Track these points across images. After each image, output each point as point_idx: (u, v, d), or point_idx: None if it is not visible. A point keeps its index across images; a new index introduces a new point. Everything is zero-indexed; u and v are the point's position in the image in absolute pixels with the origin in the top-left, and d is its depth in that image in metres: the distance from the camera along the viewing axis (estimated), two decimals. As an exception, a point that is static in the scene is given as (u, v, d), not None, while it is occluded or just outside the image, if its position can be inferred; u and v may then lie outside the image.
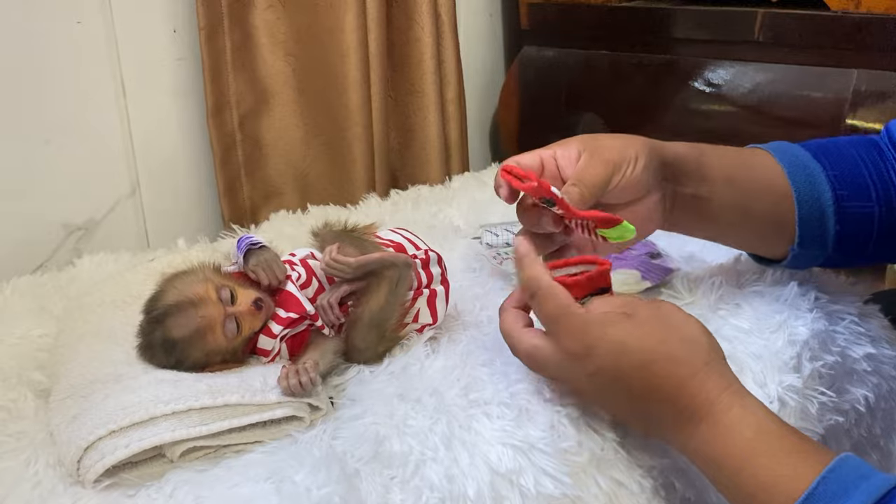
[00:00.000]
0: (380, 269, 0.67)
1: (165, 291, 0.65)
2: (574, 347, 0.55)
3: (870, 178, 0.71)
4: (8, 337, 0.76)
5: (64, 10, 0.94)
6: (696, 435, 0.53)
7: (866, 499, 0.46)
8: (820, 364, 0.69)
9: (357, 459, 0.56)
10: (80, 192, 1.00)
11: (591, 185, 0.61)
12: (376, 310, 0.67)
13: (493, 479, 0.54)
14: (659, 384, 0.54)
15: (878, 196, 0.71)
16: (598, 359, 0.54)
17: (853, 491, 0.47)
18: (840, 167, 0.71)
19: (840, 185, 0.70)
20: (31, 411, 0.66)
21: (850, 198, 0.70)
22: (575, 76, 1.39)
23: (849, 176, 0.71)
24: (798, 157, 0.71)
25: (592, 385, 0.56)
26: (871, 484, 0.47)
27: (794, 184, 0.69)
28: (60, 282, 0.87)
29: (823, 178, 0.70)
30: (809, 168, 0.70)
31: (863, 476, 0.48)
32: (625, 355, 0.54)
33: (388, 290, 0.67)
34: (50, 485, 0.57)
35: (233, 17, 1.04)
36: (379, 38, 1.11)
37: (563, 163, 0.64)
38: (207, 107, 1.06)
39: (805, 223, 0.70)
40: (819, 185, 0.70)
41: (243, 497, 0.52)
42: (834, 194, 0.69)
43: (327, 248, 0.68)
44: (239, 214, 1.12)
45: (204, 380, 0.61)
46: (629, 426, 0.60)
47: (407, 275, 0.68)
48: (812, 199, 0.70)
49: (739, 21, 1.21)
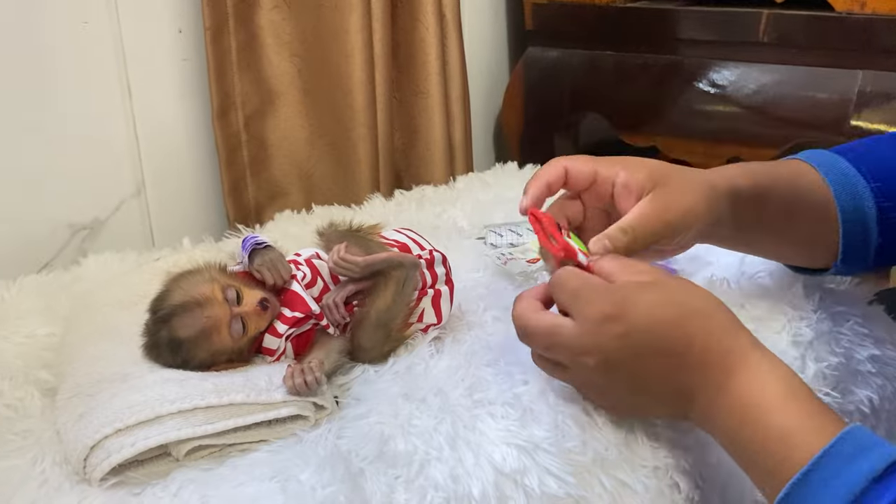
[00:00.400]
0: (387, 268, 0.68)
1: (171, 291, 0.66)
2: (605, 309, 0.54)
3: None
4: (14, 336, 0.76)
5: (70, 10, 0.94)
6: (727, 385, 0.53)
7: (880, 461, 0.47)
8: (824, 365, 0.69)
9: (362, 459, 0.56)
10: (85, 192, 1.01)
11: (642, 240, 0.60)
12: (383, 309, 0.67)
13: (498, 479, 0.55)
14: (692, 341, 0.54)
15: None
16: (632, 317, 0.54)
17: (868, 452, 0.48)
18: (882, 177, 0.70)
19: (883, 197, 0.69)
20: (37, 410, 0.67)
21: (892, 209, 0.70)
22: (579, 77, 1.39)
23: (890, 185, 0.70)
24: (842, 172, 0.69)
25: (621, 348, 0.54)
26: (885, 448, 0.48)
27: (840, 202, 0.68)
28: (66, 281, 0.87)
29: (868, 192, 0.69)
30: (853, 183, 0.69)
31: (877, 442, 0.49)
32: (659, 309, 0.54)
33: (395, 289, 0.67)
34: (56, 483, 0.57)
35: (238, 17, 1.04)
36: (384, 39, 1.12)
37: (621, 191, 0.61)
38: (213, 107, 1.06)
39: (849, 240, 0.69)
40: (863, 201, 0.69)
41: (248, 496, 0.53)
42: (878, 207, 0.69)
43: (335, 248, 0.68)
44: (244, 214, 1.12)
45: (209, 379, 0.61)
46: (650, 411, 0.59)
47: (414, 275, 0.68)
48: (856, 217, 0.69)
49: (744, 22, 1.21)
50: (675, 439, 0.60)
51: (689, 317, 0.54)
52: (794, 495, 0.48)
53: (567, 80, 1.40)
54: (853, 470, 0.47)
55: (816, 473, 0.48)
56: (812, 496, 0.47)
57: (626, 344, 0.54)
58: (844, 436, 0.49)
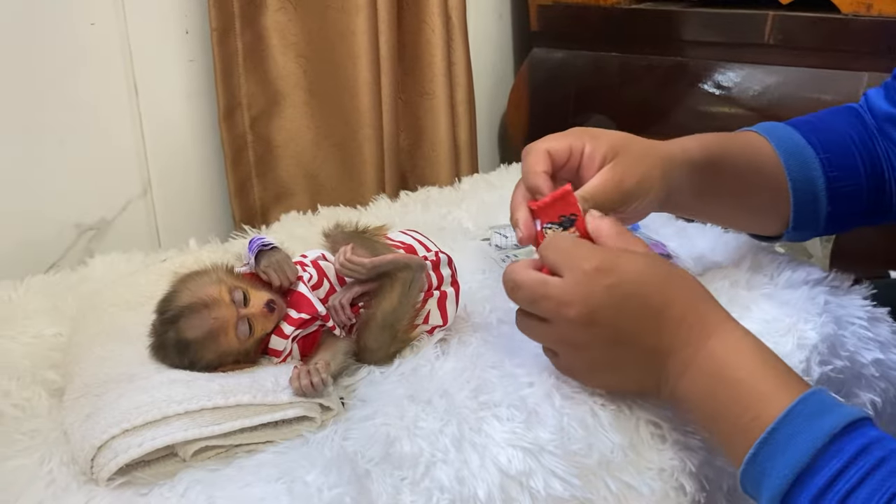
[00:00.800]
0: (393, 270, 0.68)
1: (179, 292, 0.66)
2: (597, 263, 0.57)
3: (858, 156, 0.75)
4: (21, 336, 0.76)
5: (78, 11, 0.95)
6: (703, 349, 0.56)
7: (840, 420, 0.50)
8: (829, 368, 0.69)
9: (368, 460, 0.56)
10: (92, 192, 1.01)
11: (600, 207, 0.64)
12: (389, 311, 0.67)
13: (503, 480, 0.55)
14: (674, 302, 0.57)
15: (866, 171, 0.76)
16: (622, 270, 0.57)
17: (828, 413, 0.51)
18: (831, 149, 0.74)
19: (831, 168, 0.74)
20: (44, 410, 0.67)
21: (840, 178, 0.74)
22: (584, 78, 1.39)
23: (839, 156, 0.74)
24: (793, 143, 0.74)
25: (608, 299, 0.57)
26: (846, 409, 0.51)
27: (790, 172, 0.73)
28: (73, 281, 0.87)
29: (817, 163, 0.73)
30: (804, 154, 0.74)
31: (838, 403, 0.52)
32: (648, 269, 0.58)
33: (401, 291, 0.67)
34: (64, 483, 0.57)
35: (245, 18, 1.05)
36: (390, 41, 1.12)
37: (587, 162, 0.66)
38: (219, 108, 1.06)
39: (799, 208, 0.74)
40: (813, 171, 0.73)
41: (255, 497, 0.53)
42: (826, 177, 0.73)
43: (341, 249, 0.69)
44: (250, 215, 1.12)
45: (216, 380, 0.61)
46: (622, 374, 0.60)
47: (420, 276, 0.69)
48: (806, 186, 0.74)
49: (749, 23, 1.21)
50: (680, 441, 0.60)
51: (674, 282, 0.59)
52: (761, 454, 0.51)
53: (572, 82, 1.41)
54: (815, 427, 0.50)
55: (781, 431, 0.51)
56: (778, 453, 0.50)
57: (613, 294, 0.57)
58: (807, 397, 0.52)
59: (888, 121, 0.76)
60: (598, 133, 0.67)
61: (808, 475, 0.49)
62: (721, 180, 0.71)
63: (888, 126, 0.76)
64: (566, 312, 0.58)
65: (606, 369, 0.60)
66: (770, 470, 0.50)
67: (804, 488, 0.49)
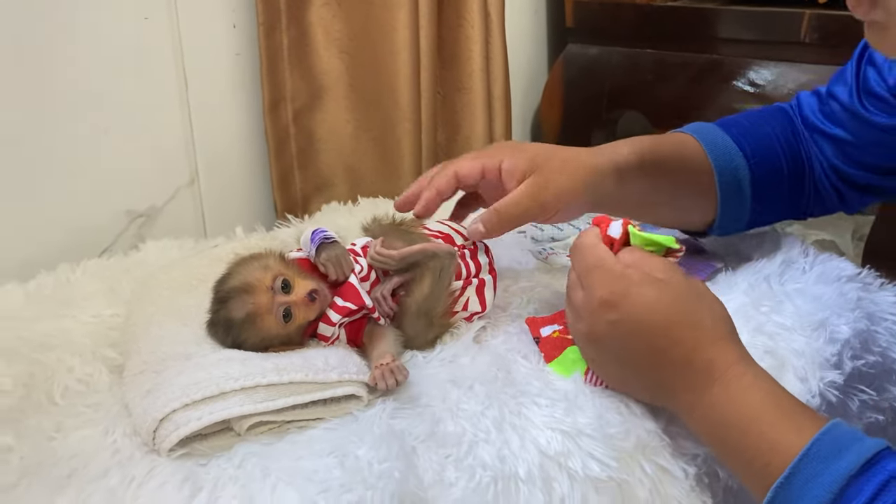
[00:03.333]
0: (423, 259, 0.70)
1: (231, 275, 0.69)
2: (605, 295, 0.59)
3: (783, 157, 0.80)
4: (81, 315, 0.80)
5: (133, 6, 0.98)
6: (706, 397, 0.56)
7: (857, 459, 0.49)
8: (861, 363, 0.70)
9: (414, 438, 0.59)
10: (143, 181, 1.05)
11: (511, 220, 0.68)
12: (421, 300, 0.70)
13: (543, 461, 0.57)
14: (679, 344, 0.57)
15: (789, 171, 0.80)
16: (625, 309, 0.58)
17: (845, 451, 0.49)
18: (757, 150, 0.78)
19: (757, 168, 0.78)
20: (105, 385, 0.70)
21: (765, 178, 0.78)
22: (618, 74, 1.40)
23: (765, 158, 0.78)
24: (722, 145, 0.78)
25: (611, 333, 0.59)
26: (863, 445, 0.50)
27: (718, 171, 0.77)
28: (127, 265, 0.91)
29: (744, 163, 0.77)
30: (732, 155, 0.77)
31: (854, 438, 0.51)
32: (651, 313, 0.57)
33: (431, 280, 0.70)
34: (128, 452, 0.60)
35: (290, 14, 1.07)
36: (430, 36, 1.14)
37: (506, 177, 0.69)
38: (264, 101, 1.09)
39: (726, 207, 0.78)
40: (739, 171, 0.77)
41: (309, 469, 0.56)
42: (752, 177, 0.78)
43: (372, 243, 0.71)
44: (291, 205, 1.15)
45: (270, 359, 0.64)
46: (633, 389, 0.62)
47: (450, 264, 0.70)
48: (733, 185, 0.77)
49: (785, 21, 1.21)
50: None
51: (679, 324, 0.57)
52: (778, 499, 0.50)
53: (606, 78, 1.42)
54: (832, 469, 0.49)
55: (797, 476, 0.50)
56: (795, 499, 0.49)
57: (616, 330, 0.59)
58: (821, 436, 0.51)
59: (816, 132, 0.80)
60: (522, 147, 0.70)
61: None
62: (652, 182, 0.74)
63: (816, 136, 0.81)
64: (578, 326, 0.62)
65: (620, 381, 0.63)
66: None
67: None
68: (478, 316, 0.75)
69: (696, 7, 1.32)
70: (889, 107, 0.73)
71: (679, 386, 0.57)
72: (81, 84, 0.96)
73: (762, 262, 0.81)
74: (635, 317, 0.58)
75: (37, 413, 0.65)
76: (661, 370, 0.58)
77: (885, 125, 0.74)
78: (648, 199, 0.76)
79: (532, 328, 0.71)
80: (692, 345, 0.57)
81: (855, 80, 0.76)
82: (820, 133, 0.80)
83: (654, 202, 0.77)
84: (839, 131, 0.78)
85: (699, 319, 0.58)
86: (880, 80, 0.74)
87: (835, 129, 0.79)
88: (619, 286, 0.58)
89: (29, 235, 0.95)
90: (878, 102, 0.74)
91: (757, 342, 0.68)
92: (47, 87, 0.94)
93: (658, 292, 0.58)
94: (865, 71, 0.76)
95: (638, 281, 0.58)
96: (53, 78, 0.94)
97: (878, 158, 0.78)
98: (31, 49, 0.91)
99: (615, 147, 0.73)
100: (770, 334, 0.70)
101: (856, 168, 0.80)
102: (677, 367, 0.57)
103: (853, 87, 0.76)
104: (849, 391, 0.68)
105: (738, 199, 0.79)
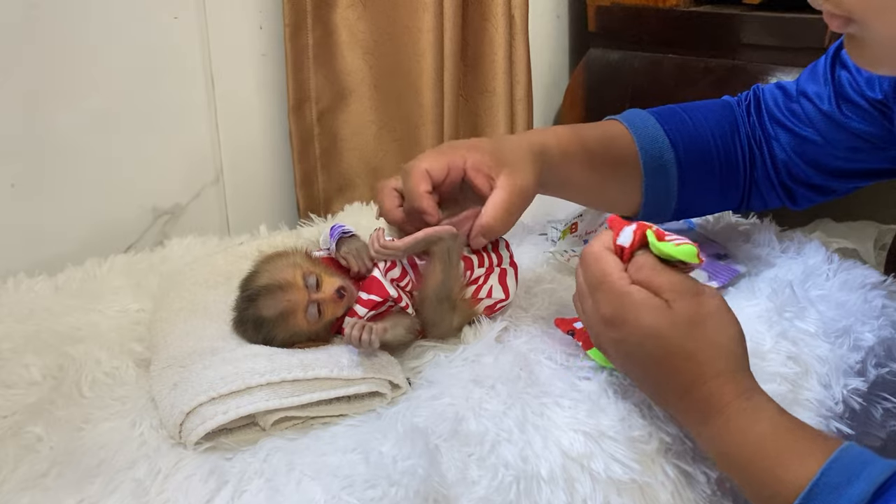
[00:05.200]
0: (427, 245, 0.69)
1: (259, 273, 0.70)
2: (608, 314, 0.58)
3: (714, 150, 0.80)
4: (108, 310, 0.82)
5: (163, 6, 1.00)
6: (707, 429, 0.55)
7: (868, 486, 0.47)
8: (885, 371, 0.70)
9: (437, 436, 0.59)
10: (169, 178, 1.06)
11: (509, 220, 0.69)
12: (437, 286, 0.69)
13: (565, 461, 0.58)
14: (676, 376, 0.56)
15: (721, 165, 0.81)
16: (625, 332, 0.57)
17: (855, 479, 0.48)
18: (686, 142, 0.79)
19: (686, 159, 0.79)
20: (132, 378, 0.71)
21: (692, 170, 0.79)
22: (640, 79, 1.40)
23: (694, 151, 0.79)
24: (651, 135, 0.79)
25: (616, 351, 0.60)
26: (874, 469, 0.48)
27: (644, 159, 0.78)
28: (153, 261, 0.92)
29: (671, 154, 0.78)
30: (660, 145, 0.78)
31: (865, 462, 0.49)
32: (650, 339, 0.56)
33: (441, 264, 0.69)
34: (155, 444, 0.61)
35: (316, 15, 1.08)
36: (454, 38, 1.15)
37: (473, 173, 0.69)
38: (289, 101, 1.10)
39: (651, 194, 0.79)
40: (666, 162, 0.78)
41: (334, 464, 0.56)
42: (679, 168, 0.78)
43: (371, 237, 0.70)
44: (313, 205, 1.16)
45: (296, 355, 0.65)
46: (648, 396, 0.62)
47: (455, 245, 0.69)
48: (659, 174, 0.78)
49: (808, 28, 1.20)
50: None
51: (676, 355, 0.55)
52: None
53: (628, 82, 1.41)
54: (843, 499, 0.48)
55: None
56: None
57: (619, 349, 0.59)
58: (831, 464, 0.49)
59: (779, 126, 0.80)
60: (472, 144, 0.71)
61: None
62: (580, 165, 0.75)
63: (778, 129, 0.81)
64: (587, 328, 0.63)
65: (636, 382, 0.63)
66: None
67: None
68: (501, 304, 0.75)
69: (718, 12, 1.32)
70: (867, 114, 0.74)
71: (681, 414, 0.57)
72: (110, 82, 0.98)
73: (785, 268, 0.81)
74: (635, 340, 0.57)
75: (66, 404, 0.66)
76: (665, 395, 0.58)
77: (862, 131, 0.74)
78: (572, 182, 0.77)
79: (562, 326, 0.71)
80: (690, 378, 0.55)
81: (831, 83, 0.76)
82: (783, 127, 0.80)
83: (578, 185, 0.78)
84: (808, 132, 0.78)
85: (697, 352, 0.55)
86: (856, 86, 0.74)
87: (804, 129, 0.78)
88: (620, 307, 0.57)
89: (57, 230, 0.97)
90: (856, 109, 0.74)
91: (780, 348, 0.68)
92: (77, 85, 0.95)
93: (656, 319, 0.56)
94: (839, 74, 0.75)
95: (639, 303, 0.56)
96: (83, 75, 0.95)
97: (845, 162, 0.78)
98: (61, 47, 0.93)
99: (539, 132, 0.76)
100: (793, 340, 0.70)
101: (815, 169, 0.80)
102: (678, 396, 0.56)
103: (830, 92, 0.76)
104: (872, 399, 0.68)
105: (663, 186, 0.79)
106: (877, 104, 0.73)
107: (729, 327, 0.57)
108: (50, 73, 0.92)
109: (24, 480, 0.58)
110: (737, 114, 0.83)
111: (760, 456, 0.52)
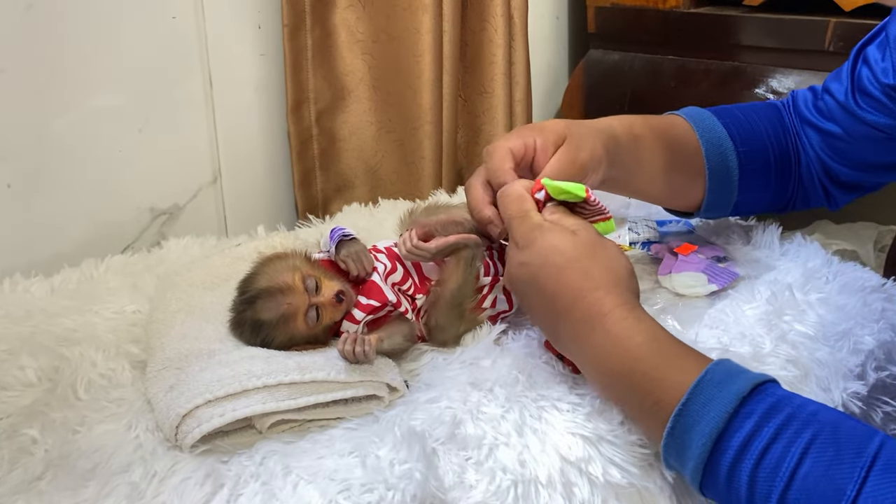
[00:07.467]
0: (454, 249, 0.71)
1: (258, 275, 0.70)
2: (518, 240, 0.64)
3: (771, 151, 0.83)
4: (104, 311, 0.81)
5: (162, 6, 0.99)
6: (590, 342, 0.59)
7: (747, 383, 0.52)
8: (885, 374, 0.70)
9: (435, 440, 0.59)
10: (166, 179, 1.05)
11: None
12: (455, 288, 0.70)
13: (563, 466, 0.57)
14: (565, 289, 0.60)
15: (776, 166, 0.83)
16: (530, 253, 0.62)
17: (736, 377, 0.53)
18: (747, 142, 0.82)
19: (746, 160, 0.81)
20: (128, 380, 0.71)
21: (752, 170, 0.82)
22: (640, 80, 1.40)
23: (754, 150, 0.82)
24: (715, 132, 0.81)
25: (520, 275, 0.63)
26: (752, 374, 0.54)
27: (708, 157, 0.80)
28: (150, 262, 0.92)
29: (734, 153, 0.81)
30: (723, 143, 0.81)
31: (745, 370, 0.54)
32: (549, 257, 0.61)
33: (463, 269, 0.70)
34: (150, 447, 0.61)
35: (315, 15, 1.08)
36: (453, 40, 1.14)
37: (540, 155, 0.70)
38: (287, 101, 1.10)
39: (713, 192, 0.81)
40: (729, 161, 0.80)
41: (330, 468, 0.56)
42: (740, 168, 0.81)
43: (403, 237, 0.71)
44: (312, 205, 1.16)
45: (293, 357, 0.65)
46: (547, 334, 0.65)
47: (478, 253, 0.72)
48: (721, 172, 0.81)
49: (809, 30, 1.20)
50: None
51: (569, 269, 0.60)
52: (678, 427, 0.53)
53: (627, 83, 1.41)
54: (725, 392, 0.52)
55: (694, 402, 0.53)
56: (694, 423, 0.52)
57: (522, 272, 0.63)
58: (713, 367, 0.54)
59: (807, 124, 0.84)
60: (543, 126, 0.72)
61: (724, 439, 0.51)
62: (642, 156, 0.77)
63: (807, 128, 0.84)
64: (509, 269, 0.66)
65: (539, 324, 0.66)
66: (689, 441, 0.52)
67: (723, 453, 0.51)
68: (504, 315, 0.75)
69: (718, 14, 1.32)
70: (881, 105, 0.77)
71: (568, 333, 0.61)
72: (108, 82, 0.97)
73: (785, 270, 0.81)
74: (537, 259, 0.61)
75: (62, 406, 0.66)
76: (556, 317, 0.61)
77: (877, 122, 0.77)
78: (639, 174, 0.79)
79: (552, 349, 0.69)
80: (577, 293, 0.59)
81: (850, 78, 0.80)
82: (811, 126, 0.83)
83: (642, 177, 0.79)
84: (831, 126, 0.82)
85: (588, 268, 0.60)
86: (873, 80, 0.77)
87: (827, 123, 0.82)
88: (530, 231, 0.63)
89: (54, 230, 0.96)
90: (871, 101, 0.77)
91: (780, 351, 0.68)
92: (74, 85, 0.95)
93: (560, 239, 0.62)
94: (860, 70, 0.79)
95: (547, 228, 0.63)
96: (80, 76, 0.95)
97: (866, 154, 0.81)
98: (59, 47, 0.92)
99: (612, 118, 0.77)
100: (793, 343, 0.69)
101: (842, 164, 0.83)
102: (565, 314, 0.60)
103: (848, 85, 0.79)
104: (872, 402, 0.68)
105: (725, 184, 0.82)
106: (890, 90, 0.75)
107: (625, 263, 0.63)
108: (47, 74, 0.92)
109: (19, 483, 0.58)
110: (783, 115, 0.86)
111: (642, 364, 0.56)
